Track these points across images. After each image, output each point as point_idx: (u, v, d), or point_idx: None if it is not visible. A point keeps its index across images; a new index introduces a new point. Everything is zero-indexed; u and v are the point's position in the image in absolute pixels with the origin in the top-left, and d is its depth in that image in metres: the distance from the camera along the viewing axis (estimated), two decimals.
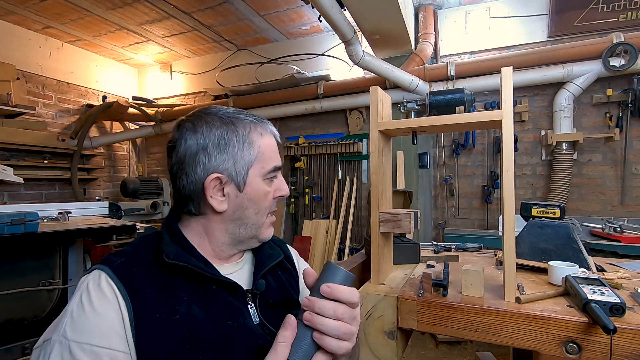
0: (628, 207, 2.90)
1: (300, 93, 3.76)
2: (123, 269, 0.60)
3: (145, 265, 0.62)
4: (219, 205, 0.67)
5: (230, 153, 0.67)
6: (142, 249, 0.65)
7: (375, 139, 0.96)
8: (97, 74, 4.66)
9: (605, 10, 2.94)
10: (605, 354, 0.67)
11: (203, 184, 0.65)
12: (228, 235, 0.70)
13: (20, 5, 3.38)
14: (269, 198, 0.71)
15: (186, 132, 0.67)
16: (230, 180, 0.67)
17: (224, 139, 0.67)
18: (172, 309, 0.59)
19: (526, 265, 1.05)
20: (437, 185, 3.55)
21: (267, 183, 0.71)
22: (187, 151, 0.66)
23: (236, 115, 0.70)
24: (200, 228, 0.69)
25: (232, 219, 0.69)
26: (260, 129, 0.71)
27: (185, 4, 3.39)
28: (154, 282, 0.60)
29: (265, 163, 0.70)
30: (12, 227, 1.64)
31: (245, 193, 0.68)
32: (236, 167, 0.67)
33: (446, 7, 3.46)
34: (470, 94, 1.00)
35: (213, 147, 0.66)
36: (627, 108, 2.82)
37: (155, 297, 0.59)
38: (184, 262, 0.62)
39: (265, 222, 0.72)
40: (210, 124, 0.67)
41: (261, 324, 0.68)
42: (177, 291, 0.61)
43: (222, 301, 0.64)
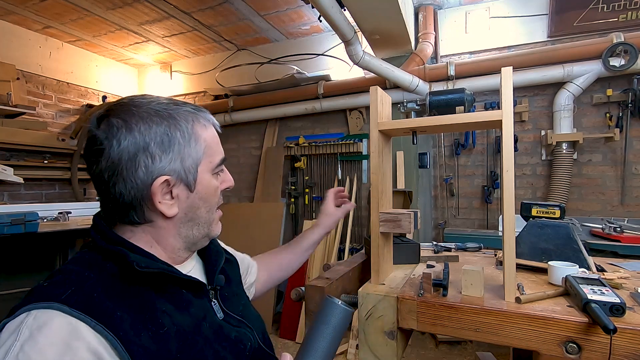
0: (628, 207, 2.90)
1: (300, 93, 3.76)
2: (78, 299, 0.48)
3: (102, 287, 0.52)
4: (169, 210, 0.60)
5: (176, 152, 0.59)
6: (86, 272, 0.53)
7: (375, 139, 0.96)
8: (97, 74, 4.66)
9: (605, 10, 2.93)
10: (605, 354, 0.68)
11: (149, 189, 0.57)
12: (181, 239, 0.64)
13: (20, 5, 3.38)
14: (217, 193, 0.68)
15: (117, 131, 0.56)
16: (180, 181, 0.60)
17: (167, 136, 0.59)
18: (155, 323, 0.53)
19: (526, 265, 1.05)
20: (437, 185, 3.55)
21: (215, 177, 0.67)
22: (123, 154, 0.56)
23: (172, 107, 0.62)
24: (148, 237, 0.62)
25: (184, 222, 0.63)
26: (202, 120, 0.65)
27: (185, 4, 3.39)
28: (124, 302, 0.52)
29: (212, 157, 0.66)
30: (12, 227, 1.64)
31: (197, 192, 0.63)
32: (184, 166, 0.60)
33: (446, 7, 3.46)
34: (470, 94, 1.00)
35: (156, 146, 0.57)
36: (627, 108, 2.82)
37: (132, 317, 0.51)
38: (156, 268, 0.56)
39: (215, 218, 0.69)
40: (148, 120, 0.58)
41: (226, 317, 0.67)
42: (152, 304, 0.55)
43: (194, 303, 0.61)
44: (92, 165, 0.58)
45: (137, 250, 0.59)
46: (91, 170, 0.59)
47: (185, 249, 0.66)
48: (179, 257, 0.66)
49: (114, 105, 0.60)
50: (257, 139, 4.35)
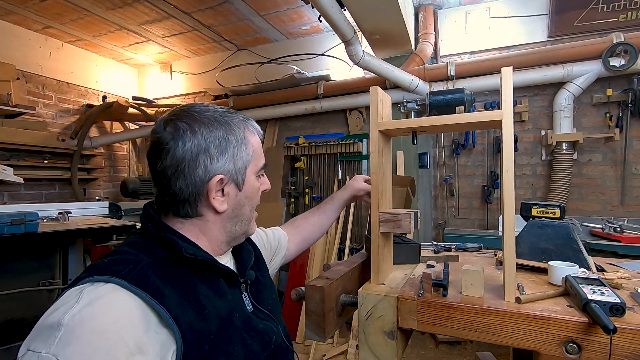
0: (628, 207, 2.90)
1: (300, 93, 3.76)
2: (136, 276, 0.55)
3: (154, 268, 0.58)
4: (221, 206, 0.68)
5: (231, 154, 0.67)
6: (140, 254, 0.60)
7: (375, 139, 0.96)
8: (97, 74, 4.66)
9: (605, 10, 2.94)
10: (605, 354, 0.68)
11: (206, 186, 0.65)
12: (226, 233, 0.72)
13: (20, 5, 3.38)
14: (259, 194, 0.76)
15: (183, 133, 0.64)
16: (231, 180, 0.68)
17: (224, 139, 0.67)
18: (199, 305, 0.59)
19: (526, 265, 1.05)
20: (437, 185, 3.55)
21: (258, 179, 0.75)
22: (186, 154, 0.63)
23: (227, 115, 0.70)
24: (196, 229, 0.69)
25: (230, 217, 0.71)
26: (251, 128, 0.73)
27: (185, 4, 3.39)
28: (172, 283, 0.58)
29: (258, 161, 0.73)
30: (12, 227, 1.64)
31: (244, 191, 0.71)
32: (236, 167, 0.68)
33: (446, 7, 3.46)
34: (470, 94, 1.00)
35: (215, 148, 0.65)
36: (627, 108, 2.82)
37: (179, 297, 0.57)
38: (201, 256, 0.63)
39: (253, 218, 0.77)
40: (209, 125, 0.66)
41: (255, 310, 0.73)
42: (194, 288, 0.61)
43: (229, 292, 0.67)
44: (156, 162, 0.65)
45: (184, 239, 0.66)
46: (154, 168, 0.66)
47: (226, 243, 0.73)
48: (220, 249, 0.73)
49: (178, 111, 0.68)
50: None
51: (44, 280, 2.08)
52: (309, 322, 0.88)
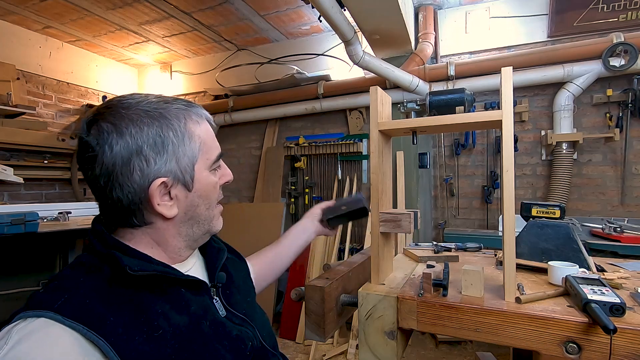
0: (628, 207, 2.90)
1: (300, 93, 3.76)
2: (72, 306, 0.48)
3: (96, 292, 0.52)
4: (169, 211, 0.60)
5: (171, 152, 0.58)
6: (81, 278, 0.53)
7: (375, 139, 0.96)
8: (97, 74, 4.66)
9: (605, 10, 2.93)
10: (605, 354, 0.68)
11: (147, 193, 0.57)
12: (182, 238, 0.64)
13: (20, 5, 3.38)
14: (217, 189, 0.67)
15: (108, 136, 0.55)
16: (177, 181, 0.60)
17: (160, 137, 0.57)
18: (150, 327, 0.52)
19: (526, 265, 1.05)
20: (437, 185, 3.55)
21: (214, 173, 0.66)
22: (116, 159, 0.55)
23: (163, 105, 0.60)
24: (148, 239, 0.61)
25: (184, 221, 0.63)
26: (195, 117, 0.63)
27: (185, 4, 3.39)
28: (119, 307, 0.52)
29: (209, 153, 0.64)
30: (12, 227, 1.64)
31: (195, 190, 0.62)
32: (180, 166, 0.59)
33: (446, 7, 3.46)
34: (470, 94, 1.00)
35: (149, 149, 0.56)
36: (627, 108, 2.82)
37: (125, 321, 0.51)
38: (151, 271, 0.55)
39: (215, 214, 0.68)
40: (138, 122, 0.56)
41: (229, 314, 0.67)
42: (147, 306, 0.54)
43: (194, 301, 0.61)
44: (86, 171, 0.57)
45: (132, 253, 0.58)
46: (86, 177, 0.58)
47: (186, 248, 0.66)
48: (180, 256, 0.66)
49: (102, 109, 0.58)
50: (257, 139, 4.35)
51: (44, 280, 2.08)
52: (309, 322, 0.88)
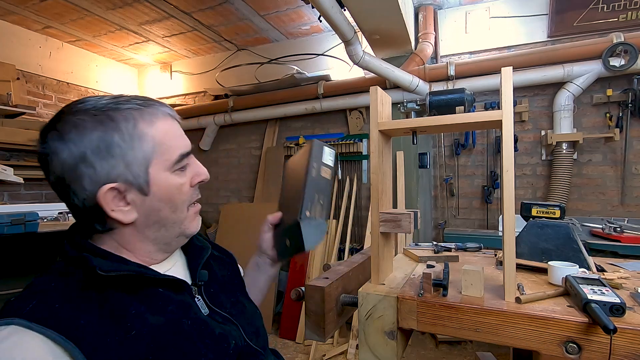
0: (628, 207, 2.90)
1: (300, 93, 3.76)
2: (40, 311, 0.48)
3: (68, 296, 0.51)
4: (125, 217, 0.58)
5: (117, 156, 0.55)
6: (53, 282, 0.53)
7: (375, 139, 0.96)
8: (97, 74, 4.66)
9: (605, 10, 2.93)
10: (605, 354, 0.68)
11: (98, 200, 0.55)
12: (151, 242, 0.62)
13: (20, 5, 3.38)
14: (184, 190, 0.62)
15: (53, 144, 0.54)
16: (130, 186, 0.57)
17: (104, 142, 0.55)
18: (123, 328, 0.51)
19: (526, 265, 1.05)
20: (437, 185, 3.55)
21: (178, 174, 0.62)
22: (64, 167, 0.54)
23: (112, 106, 0.57)
24: (115, 244, 0.61)
25: (147, 226, 0.60)
26: (148, 116, 0.59)
27: (185, 4, 3.39)
28: (88, 308, 0.51)
29: (168, 154, 0.60)
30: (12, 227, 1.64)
31: (153, 194, 0.59)
32: (131, 170, 0.56)
33: (446, 7, 3.46)
34: (471, 94, 1.00)
35: (93, 155, 0.54)
36: (627, 108, 2.82)
37: (97, 324, 0.50)
38: (124, 270, 0.55)
39: (187, 216, 0.64)
40: (81, 127, 0.54)
41: (212, 313, 0.65)
42: (122, 307, 0.53)
43: (173, 300, 0.59)
44: (47, 178, 0.58)
45: (104, 255, 0.57)
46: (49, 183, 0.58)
47: (158, 251, 0.64)
48: (154, 259, 0.64)
49: (54, 116, 0.57)
50: (257, 139, 4.35)
51: None
52: (309, 322, 0.88)
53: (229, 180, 4.55)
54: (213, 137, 4.55)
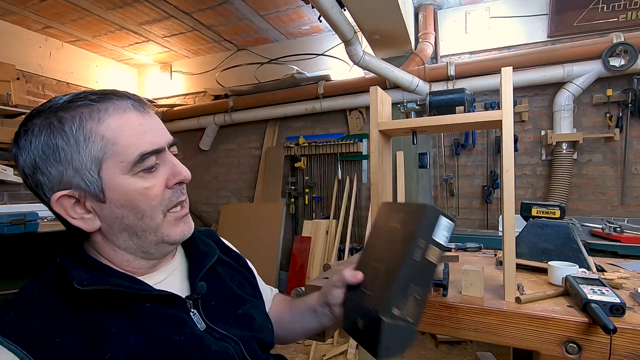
0: (628, 207, 2.90)
1: (300, 93, 3.76)
2: (15, 326, 0.45)
3: (47, 309, 0.48)
4: (88, 225, 0.53)
5: (64, 161, 0.50)
6: (37, 290, 0.50)
7: (375, 139, 0.96)
8: (97, 74, 4.66)
9: (605, 10, 2.93)
10: (605, 354, 0.68)
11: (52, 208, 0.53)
12: (125, 251, 0.56)
13: (20, 5, 3.38)
14: (151, 194, 0.54)
15: (14, 149, 0.52)
16: (84, 192, 0.52)
17: (48, 146, 0.50)
18: (98, 350, 0.47)
19: (526, 265, 1.06)
20: (437, 185, 3.55)
21: (142, 177, 0.53)
22: (25, 173, 0.52)
23: (65, 105, 0.52)
24: (94, 252, 0.57)
25: (115, 234, 0.55)
26: (97, 113, 0.51)
27: (185, 4, 3.39)
28: (67, 325, 0.47)
29: (124, 154, 0.51)
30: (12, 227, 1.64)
31: (110, 201, 0.52)
32: (82, 175, 0.51)
33: (446, 7, 3.46)
34: (470, 94, 1.00)
35: (41, 162, 0.50)
36: (627, 108, 2.81)
37: (73, 343, 0.46)
38: (104, 285, 0.50)
39: (163, 223, 0.56)
40: (30, 133, 0.51)
41: (208, 329, 0.59)
42: (101, 325, 0.49)
43: (162, 317, 0.54)
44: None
45: (89, 264, 0.54)
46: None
47: (139, 259, 0.58)
48: (137, 268, 0.58)
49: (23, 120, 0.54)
50: (257, 139, 4.35)
51: None
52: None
53: (229, 180, 4.55)
54: (213, 137, 4.55)
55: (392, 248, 0.61)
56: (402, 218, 0.63)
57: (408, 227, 0.60)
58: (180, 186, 0.58)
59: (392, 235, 0.63)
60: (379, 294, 0.57)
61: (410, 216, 0.62)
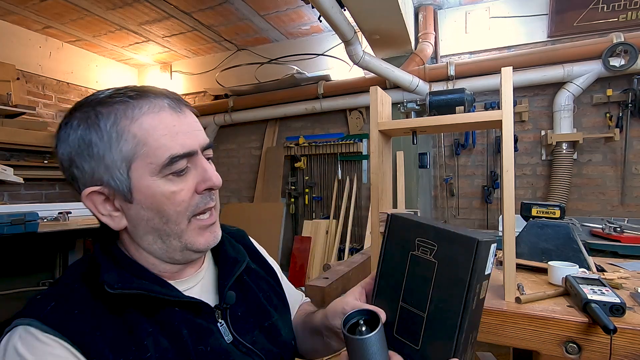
0: (628, 207, 2.90)
1: (300, 93, 3.76)
2: (58, 316, 0.46)
3: (86, 303, 0.48)
4: (114, 223, 0.53)
5: (96, 157, 0.50)
6: (76, 283, 0.50)
7: (375, 139, 0.96)
8: (97, 74, 4.66)
9: (605, 10, 2.93)
10: (605, 354, 0.68)
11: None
12: (150, 254, 0.55)
13: (20, 5, 3.38)
14: (178, 199, 0.52)
15: (56, 143, 0.52)
16: (113, 190, 0.51)
17: (83, 141, 0.50)
18: (138, 347, 0.47)
19: (526, 265, 1.05)
20: (437, 185, 3.55)
21: (171, 180, 0.51)
22: (62, 167, 0.53)
23: (105, 100, 0.51)
24: (125, 250, 0.56)
25: (140, 236, 0.53)
26: (132, 110, 0.50)
27: (185, 4, 3.39)
28: (105, 320, 0.48)
29: (154, 156, 0.50)
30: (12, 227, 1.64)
31: (138, 202, 0.51)
32: (112, 173, 0.50)
33: (446, 7, 3.46)
34: (470, 94, 1.00)
35: (76, 156, 0.51)
36: (627, 108, 2.81)
37: (113, 337, 0.47)
38: (134, 289, 0.50)
39: (188, 229, 0.54)
40: (69, 126, 0.51)
41: (235, 341, 0.57)
42: (138, 324, 0.49)
43: (189, 325, 0.53)
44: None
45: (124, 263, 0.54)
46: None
47: (165, 263, 0.56)
48: (164, 272, 0.57)
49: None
50: (257, 139, 4.35)
51: (44, 280, 2.08)
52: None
53: (229, 180, 4.55)
54: (213, 137, 4.55)
55: (435, 293, 0.51)
56: (439, 252, 0.52)
57: (453, 269, 0.50)
58: (209, 192, 0.56)
59: (426, 272, 0.52)
60: (429, 349, 0.50)
61: (451, 252, 0.51)
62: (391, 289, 0.55)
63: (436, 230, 0.52)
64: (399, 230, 0.57)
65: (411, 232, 0.55)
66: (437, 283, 0.51)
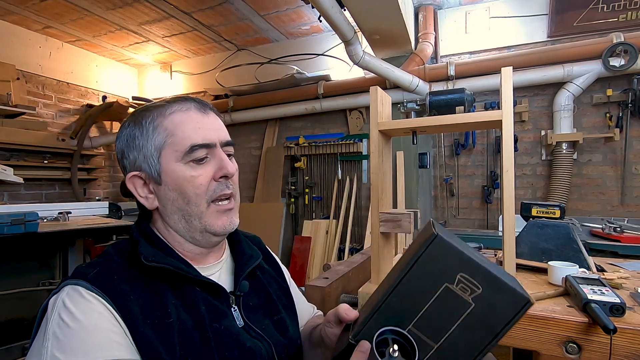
0: (628, 207, 2.90)
1: (300, 93, 3.76)
2: (100, 278, 0.55)
3: (124, 271, 0.58)
4: (148, 203, 0.64)
5: (137, 147, 0.63)
6: (115, 256, 0.61)
7: (375, 139, 0.96)
8: (97, 74, 4.66)
9: (605, 10, 2.93)
10: (605, 354, 0.68)
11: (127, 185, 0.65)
12: (177, 233, 0.65)
13: (20, 5, 3.38)
14: (197, 183, 0.61)
15: (115, 139, 0.68)
16: (147, 175, 0.63)
17: (130, 136, 0.64)
18: (163, 312, 0.56)
19: (526, 265, 1.05)
20: (437, 185, 3.55)
21: (192, 166, 0.62)
22: (118, 158, 0.67)
23: (150, 106, 0.66)
24: (156, 230, 0.67)
25: (168, 215, 0.64)
26: (166, 109, 0.64)
27: (185, 4, 3.39)
28: (138, 287, 0.57)
29: (179, 144, 0.61)
30: (12, 227, 1.64)
31: (165, 183, 0.62)
32: (148, 160, 0.62)
33: (446, 7, 3.46)
34: (470, 94, 1.00)
35: (125, 148, 0.64)
36: (627, 108, 2.82)
37: (143, 301, 0.56)
38: (163, 263, 0.59)
39: (207, 212, 0.63)
40: (124, 126, 0.65)
41: (246, 326, 0.64)
42: (164, 294, 0.58)
43: (207, 304, 0.61)
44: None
45: (157, 242, 0.63)
46: None
47: (187, 243, 0.65)
48: (188, 251, 0.66)
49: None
50: (257, 139, 4.35)
51: (44, 280, 2.08)
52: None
53: None
54: None
55: (457, 331, 0.48)
56: (482, 296, 0.48)
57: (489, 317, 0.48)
58: (226, 180, 0.65)
59: (456, 308, 0.49)
60: None
61: (494, 300, 0.48)
62: (404, 310, 0.51)
63: (486, 273, 0.48)
64: (440, 256, 0.50)
65: (455, 264, 0.49)
66: (464, 323, 0.48)
